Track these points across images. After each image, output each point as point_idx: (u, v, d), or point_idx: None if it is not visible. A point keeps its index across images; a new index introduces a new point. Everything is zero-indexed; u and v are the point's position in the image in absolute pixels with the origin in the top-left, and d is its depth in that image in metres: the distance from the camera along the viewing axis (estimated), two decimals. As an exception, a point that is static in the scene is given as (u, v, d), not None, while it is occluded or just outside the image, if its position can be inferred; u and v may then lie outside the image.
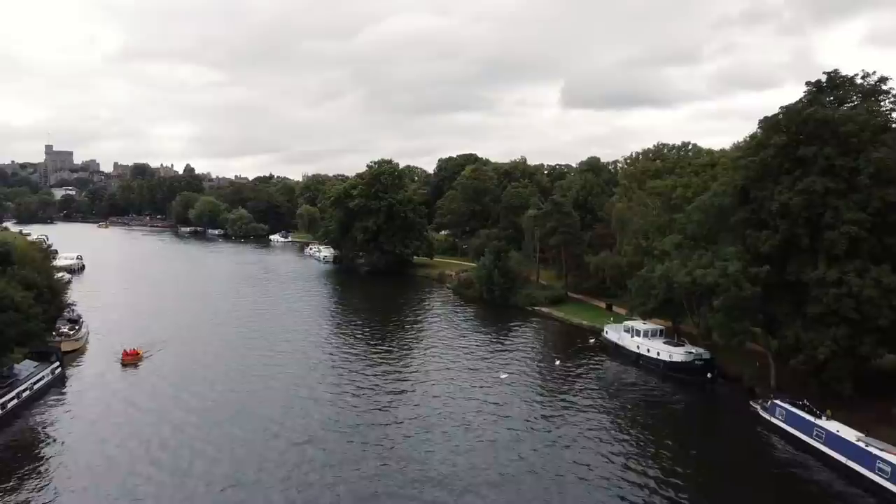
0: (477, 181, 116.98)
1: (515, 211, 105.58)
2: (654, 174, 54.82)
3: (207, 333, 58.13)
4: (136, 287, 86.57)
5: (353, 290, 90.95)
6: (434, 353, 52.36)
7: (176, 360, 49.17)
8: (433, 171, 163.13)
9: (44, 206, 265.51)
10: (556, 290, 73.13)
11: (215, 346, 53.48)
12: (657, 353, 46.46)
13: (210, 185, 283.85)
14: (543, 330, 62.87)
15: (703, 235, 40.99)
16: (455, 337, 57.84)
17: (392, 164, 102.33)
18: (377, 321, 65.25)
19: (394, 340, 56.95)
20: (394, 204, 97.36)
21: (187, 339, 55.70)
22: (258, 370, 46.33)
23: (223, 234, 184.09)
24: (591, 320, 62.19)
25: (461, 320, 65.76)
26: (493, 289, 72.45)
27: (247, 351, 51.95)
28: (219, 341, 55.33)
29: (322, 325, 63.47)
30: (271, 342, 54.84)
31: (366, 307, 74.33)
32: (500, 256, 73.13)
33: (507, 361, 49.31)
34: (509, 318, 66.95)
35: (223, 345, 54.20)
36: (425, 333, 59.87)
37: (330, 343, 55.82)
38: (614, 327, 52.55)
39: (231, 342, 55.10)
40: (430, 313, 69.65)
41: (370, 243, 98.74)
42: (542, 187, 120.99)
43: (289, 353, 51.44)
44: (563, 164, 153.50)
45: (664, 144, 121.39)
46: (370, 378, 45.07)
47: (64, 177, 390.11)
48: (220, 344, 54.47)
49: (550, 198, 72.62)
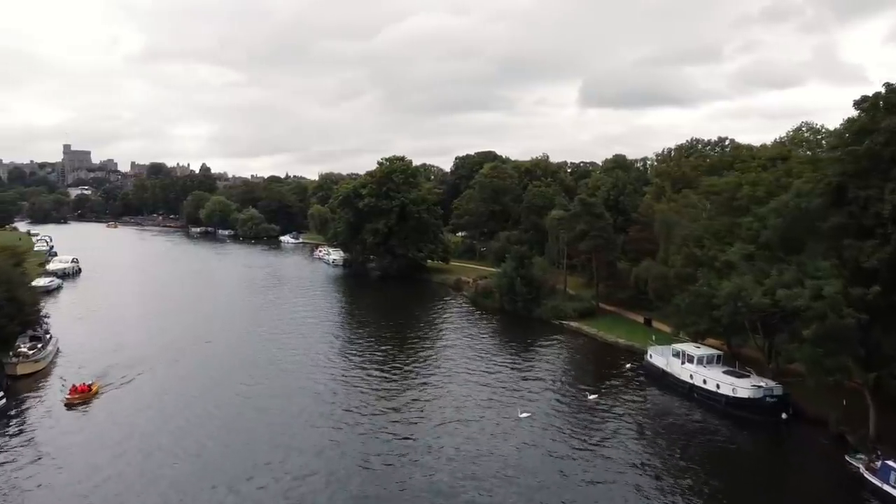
0: (496, 180, 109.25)
1: (538, 212, 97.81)
2: (707, 170, 46.48)
3: (195, 354, 50.54)
4: (131, 294, 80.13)
5: (361, 299, 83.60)
6: (445, 382, 44.51)
7: (143, 396, 39.94)
8: (450, 169, 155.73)
9: (57, 206, 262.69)
10: (586, 302, 65.14)
11: (200, 374, 45.30)
12: (716, 385, 38.39)
13: (225, 184, 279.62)
14: (572, 349, 54.97)
15: (783, 245, 32.91)
16: (470, 359, 50.09)
17: (404, 162, 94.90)
18: (384, 339, 57.76)
19: (399, 366, 49.21)
20: (406, 204, 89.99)
21: (169, 361, 48.08)
22: (247, 412, 37.29)
23: (233, 234, 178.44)
24: (627, 338, 54.18)
25: (478, 337, 58.00)
26: (515, 299, 64.69)
27: (236, 381, 43.49)
28: (205, 366, 47.31)
29: (324, 345, 55.75)
30: (264, 370, 46.88)
31: (373, 320, 66.86)
32: (522, 263, 65.34)
33: (528, 393, 41.49)
34: (533, 334, 59.17)
35: (210, 371, 46.10)
36: (436, 356, 52.14)
37: (328, 372, 48.43)
38: (660, 350, 44.53)
39: (219, 367, 47.07)
40: (444, 329, 62.02)
41: (381, 246, 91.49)
42: (565, 186, 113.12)
43: (284, 382, 44.08)
44: (588, 162, 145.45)
45: (697, 140, 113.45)
46: (362, 426, 37.71)
47: (81, 176, 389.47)
48: (206, 370, 46.39)
49: (579, 197, 64.67)
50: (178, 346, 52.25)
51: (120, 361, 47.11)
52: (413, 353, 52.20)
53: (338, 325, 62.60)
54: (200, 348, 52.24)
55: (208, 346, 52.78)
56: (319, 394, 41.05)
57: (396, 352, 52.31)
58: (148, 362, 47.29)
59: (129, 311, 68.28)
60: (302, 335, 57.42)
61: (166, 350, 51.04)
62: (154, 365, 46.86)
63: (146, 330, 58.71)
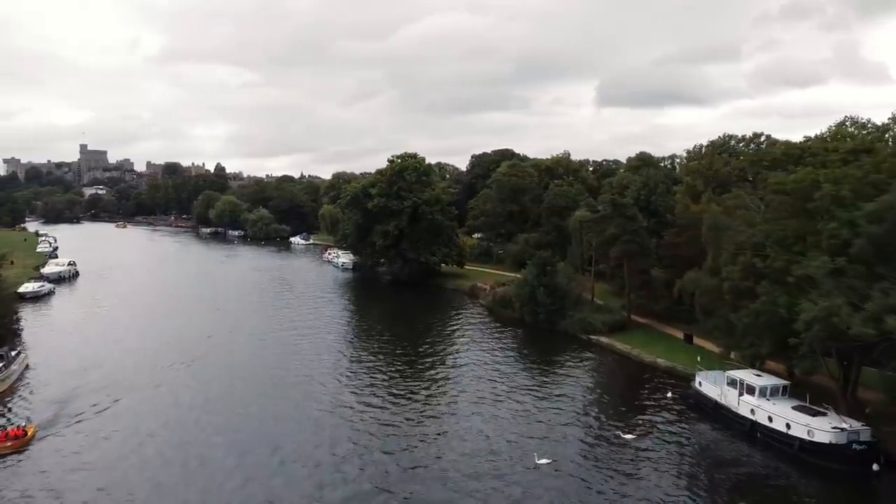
0: (515, 178, 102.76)
1: (560, 213, 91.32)
2: (769, 165, 39.76)
3: (185, 375, 44.67)
4: (126, 301, 74.74)
5: (369, 307, 77.59)
6: (453, 412, 38.31)
7: (112, 441, 32.37)
8: (465, 168, 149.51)
9: (70, 206, 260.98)
10: (616, 314, 58.55)
11: (188, 402, 38.72)
12: (786, 424, 31.75)
13: (239, 184, 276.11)
14: (602, 369, 48.48)
15: (882, 257, 26.27)
16: (485, 382, 43.70)
17: (417, 159, 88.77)
18: (390, 357, 51.58)
19: (402, 393, 43.12)
20: (419, 204, 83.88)
21: (155, 384, 42.26)
22: (227, 460, 30.58)
23: (243, 235, 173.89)
24: (668, 357, 47.53)
25: (494, 355, 51.56)
26: (536, 310, 58.29)
27: (229, 410, 37.29)
28: (195, 390, 40.93)
29: (325, 366, 49.72)
30: (261, 398, 41.28)
31: (380, 334, 60.68)
32: (545, 269, 58.88)
33: (549, 427, 35.17)
34: (556, 350, 52.80)
35: (200, 397, 39.76)
36: (446, 378, 45.81)
37: (325, 400, 42.45)
38: (712, 377, 37.86)
39: (212, 391, 40.88)
40: (457, 344, 55.70)
41: (391, 249, 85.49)
42: (588, 186, 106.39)
43: (281, 415, 38.31)
44: (611, 160, 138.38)
45: (730, 136, 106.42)
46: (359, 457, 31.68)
47: (97, 176, 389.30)
48: (196, 395, 39.98)
49: (610, 197, 58.09)
50: (168, 364, 46.42)
51: (96, 383, 41.72)
52: (420, 374, 45.99)
53: (342, 340, 56.59)
54: (192, 367, 46.17)
55: (201, 365, 46.73)
56: (317, 433, 35.03)
57: (402, 375, 46.07)
58: (130, 385, 41.59)
59: (120, 321, 62.77)
60: (302, 354, 51.36)
61: (154, 369, 45.27)
62: (136, 388, 41.07)
63: (136, 344, 52.92)
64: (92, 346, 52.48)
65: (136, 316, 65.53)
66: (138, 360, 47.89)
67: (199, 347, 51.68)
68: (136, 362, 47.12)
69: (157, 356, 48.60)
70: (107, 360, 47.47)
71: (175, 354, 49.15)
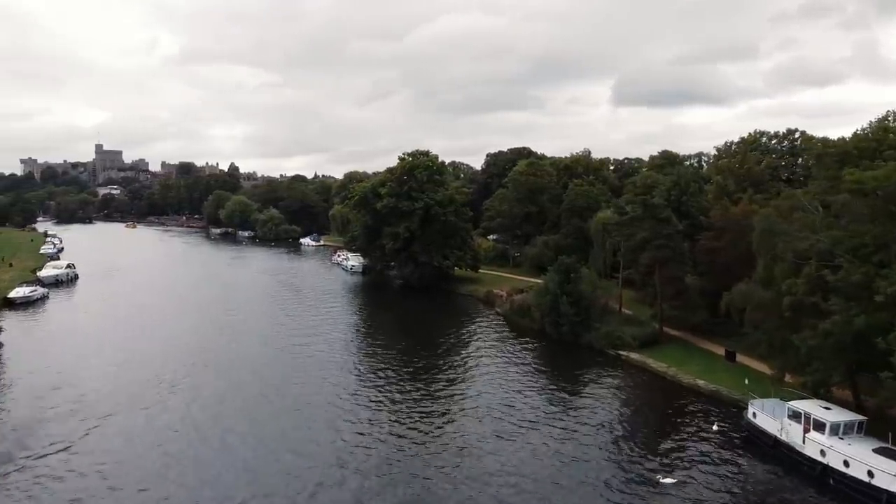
0: (533, 177, 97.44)
1: (581, 213, 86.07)
2: (837, 158, 34.26)
3: (174, 395, 39.89)
4: (122, 307, 70.39)
5: (378, 314, 72.77)
6: (460, 445, 33.48)
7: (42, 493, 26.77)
8: (480, 167, 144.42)
9: (83, 206, 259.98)
10: (647, 326, 53.23)
11: (173, 432, 33.95)
12: (868, 472, 26.33)
13: (253, 184, 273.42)
14: (634, 391, 43.10)
15: None
16: (500, 406, 38.65)
17: (429, 157, 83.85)
18: (397, 371, 46.69)
19: (409, 415, 38.36)
20: (431, 205, 78.94)
21: (140, 406, 37.40)
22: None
23: (252, 236, 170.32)
24: (709, 378, 42.06)
25: (510, 372, 46.37)
26: (559, 321, 53.08)
27: (219, 442, 32.65)
28: (183, 417, 36.08)
29: (327, 382, 45.31)
30: (256, 423, 37.01)
31: (388, 345, 55.64)
32: (568, 276, 53.65)
33: (570, 465, 30.12)
34: (581, 367, 47.63)
35: (188, 425, 35.01)
36: (455, 400, 40.93)
37: (323, 426, 37.72)
38: (770, 407, 32.44)
39: (200, 417, 36.08)
40: (469, 359, 50.56)
41: (401, 253, 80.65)
42: (610, 185, 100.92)
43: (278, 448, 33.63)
44: (633, 159, 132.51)
45: (762, 132, 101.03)
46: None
47: (112, 176, 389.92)
48: (184, 424, 35.18)
49: (641, 198, 52.70)
50: (156, 384, 41.73)
51: (67, 406, 37.13)
52: (428, 397, 40.92)
53: (346, 355, 51.64)
54: (181, 388, 41.15)
55: (189, 386, 41.76)
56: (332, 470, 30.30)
57: (407, 394, 41.16)
58: (108, 409, 36.79)
59: (111, 330, 58.45)
60: (306, 371, 46.64)
61: (140, 388, 40.54)
62: (116, 414, 36.16)
63: (124, 356, 48.20)
64: (75, 358, 48.06)
65: (128, 324, 61.17)
66: (122, 376, 43.40)
67: (191, 364, 47.01)
68: (119, 380, 42.61)
69: (142, 373, 43.98)
70: (88, 377, 43.03)
71: (164, 371, 44.58)
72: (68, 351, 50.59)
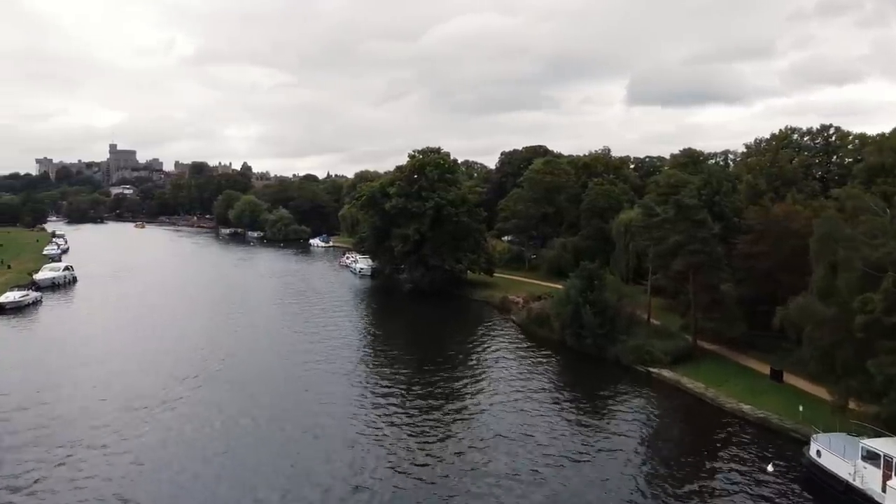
0: (550, 176, 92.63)
1: (602, 214, 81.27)
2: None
3: (157, 419, 36.28)
4: (117, 313, 66.80)
5: (385, 322, 68.46)
6: (470, 477, 29.01)
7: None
8: (495, 166, 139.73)
9: (94, 205, 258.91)
10: (679, 338, 48.34)
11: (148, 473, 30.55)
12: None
13: (265, 183, 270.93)
14: (666, 417, 38.24)
15: None
16: (512, 436, 33.97)
17: (440, 154, 79.32)
18: (403, 387, 42.26)
19: (414, 442, 33.93)
20: (442, 205, 74.45)
21: (118, 437, 33.90)
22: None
23: (262, 236, 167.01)
24: (755, 402, 37.03)
25: (527, 390, 41.61)
26: (581, 333, 48.35)
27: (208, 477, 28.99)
28: (161, 452, 32.45)
29: (334, 399, 41.07)
30: (249, 450, 32.87)
31: (395, 356, 51.24)
32: (591, 283, 48.90)
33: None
34: (606, 386, 42.85)
35: (165, 466, 31.84)
36: (467, 422, 36.49)
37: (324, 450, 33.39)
38: (837, 443, 27.52)
39: (173, 461, 32.27)
40: (482, 373, 45.99)
41: (411, 255, 76.22)
42: (632, 185, 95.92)
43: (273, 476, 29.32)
44: (655, 157, 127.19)
45: (793, 129, 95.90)
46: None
47: (125, 175, 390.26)
48: (164, 460, 32.13)
49: (674, 198, 47.76)
50: (137, 406, 37.32)
51: (29, 434, 33.14)
52: (434, 421, 36.42)
53: (349, 366, 47.35)
54: (166, 412, 36.66)
55: (175, 412, 37.35)
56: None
57: (412, 419, 36.67)
58: (74, 437, 32.98)
59: (102, 340, 54.59)
60: (309, 385, 42.55)
61: (118, 413, 36.59)
62: (81, 444, 32.25)
63: (108, 373, 43.97)
64: (56, 372, 44.16)
65: (120, 333, 57.47)
66: (101, 396, 39.38)
67: (182, 379, 42.88)
68: (95, 401, 38.57)
69: (124, 394, 39.87)
70: (63, 396, 39.07)
71: (150, 391, 40.42)
72: (52, 362, 46.66)
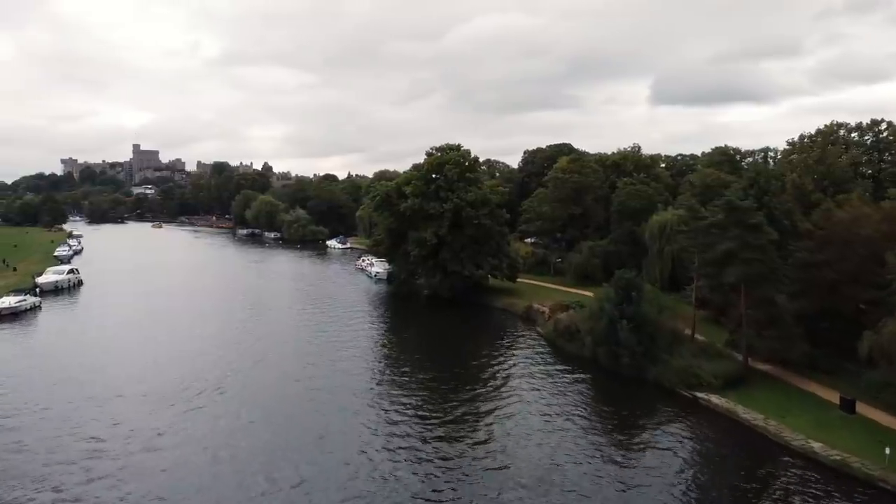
0: (577, 175, 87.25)
1: (634, 216, 75.75)
2: None
3: (107, 471, 32.39)
4: (109, 326, 62.79)
5: (400, 331, 63.79)
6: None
7: None
8: (517, 165, 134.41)
9: (115, 205, 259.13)
10: (728, 358, 42.76)
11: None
12: None
13: (285, 183, 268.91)
14: (722, 453, 32.71)
15: None
16: (539, 473, 29.08)
17: (460, 151, 74.36)
18: (412, 412, 37.47)
19: (427, 479, 29.02)
20: (462, 206, 69.51)
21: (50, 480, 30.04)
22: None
23: (279, 237, 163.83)
24: (827, 440, 31.29)
25: (554, 417, 36.56)
26: (617, 351, 43.05)
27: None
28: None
29: (340, 421, 36.54)
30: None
31: (408, 372, 46.61)
32: (629, 295, 43.55)
33: None
34: (648, 413, 37.70)
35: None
36: (489, 453, 31.59)
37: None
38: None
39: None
40: (503, 395, 40.81)
41: (428, 260, 71.41)
42: (665, 184, 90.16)
43: None
44: (688, 155, 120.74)
45: (840, 124, 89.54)
46: None
47: (148, 175, 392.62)
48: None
49: (725, 199, 42.12)
50: (120, 440, 33.28)
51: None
52: (449, 455, 31.54)
53: (358, 385, 42.83)
54: (142, 454, 32.26)
55: (165, 440, 33.68)
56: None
57: (423, 452, 31.83)
58: (42, 473, 28.86)
59: (93, 354, 50.62)
60: (315, 402, 38.06)
61: (92, 446, 32.58)
62: (49, 479, 28.21)
63: (91, 394, 39.91)
64: (40, 391, 40.15)
65: (115, 345, 53.57)
66: (79, 419, 35.31)
67: (170, 406, 38.52)
68: (73, 426, 34.48)
69: (104, 420, 35.76)
70: (38, 422, 35.04)
71: (134, 415, 36.29)
72: (35, 380, 42.67)
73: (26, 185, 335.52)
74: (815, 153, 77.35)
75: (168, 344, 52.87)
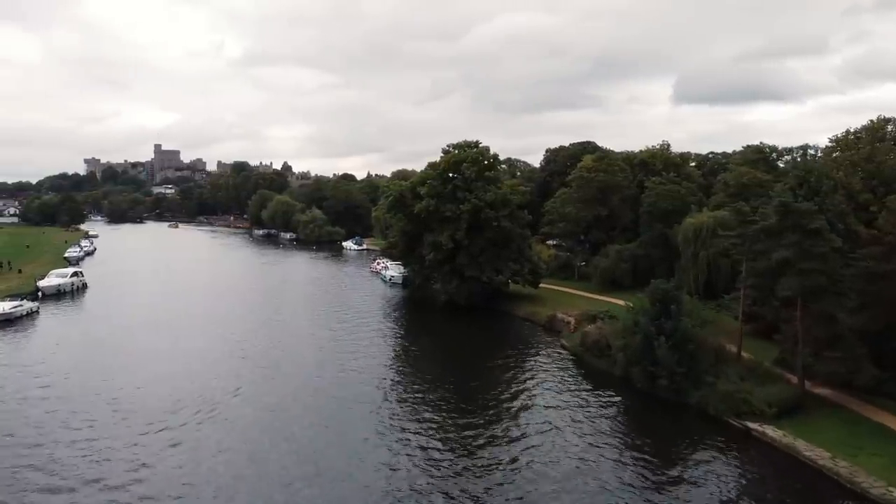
0: (603, 174, 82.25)
1: (665, 217, 70.66)
2: None
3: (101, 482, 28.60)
4: (109, 335, 59.57)
5: (415, 340, 59.53)
6: None
7: None
8: (539, 164, 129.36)
9: (134, 205, 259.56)
10: (781, 382, 37.70)
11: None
12: None
13: (301, 182, 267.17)
14: (777, 499, 27.99)
15: None
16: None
17: (478, 149, 69.87)
18: (423, 438, 33.16)
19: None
20: (480, 207, 65.02)
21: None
22: None
23: (294, 238, 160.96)
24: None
25: (584, 444, 32.13)
26: (654, 371, 38.29)
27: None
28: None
29: (345, 443, 32.44)
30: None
31: (420, 389, 42.34)
32: (667, 309, 38.72)
33: None
34: (690, 446, 32.90)
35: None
36: (500, 482, 27.16)
37: None
38: None
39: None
40: (527, 418, 36.32)
41: (445, 265, 67.07)
42: (698, 184, 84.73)
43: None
44: (719, 153, 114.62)
45: (887, 119, 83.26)
46: None
47: (169, 175, 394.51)
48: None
49: (781, 200, 37.02)
50: (106, 458, 29.85)
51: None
52: (468, 474, 27.16)
53: (366, 403, 38.69)
54: (128, 480, 29.12)
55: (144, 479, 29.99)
56: None
57: (440, 468, 27.48)
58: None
59: (84, 370, 47.09)
60: (324, 421, 34.02)
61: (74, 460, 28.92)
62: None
63: (81, 413, 36.63)
64: (25, 408, 36.88)
65: (112, 358, 50.07)
66: (64, 441, 31.70)
67: (168, 441, 34.95)
68: (61, 448, 30.88)
69: (93, 443, 32.14)
70: (17, 450, 31.54)
71: (117, 441, 32.56)
72: (19, 397, 39.29)
73: (49, 184, 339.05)
74: (864, 150, 71.61)
75: (168, 360, 49.19)
